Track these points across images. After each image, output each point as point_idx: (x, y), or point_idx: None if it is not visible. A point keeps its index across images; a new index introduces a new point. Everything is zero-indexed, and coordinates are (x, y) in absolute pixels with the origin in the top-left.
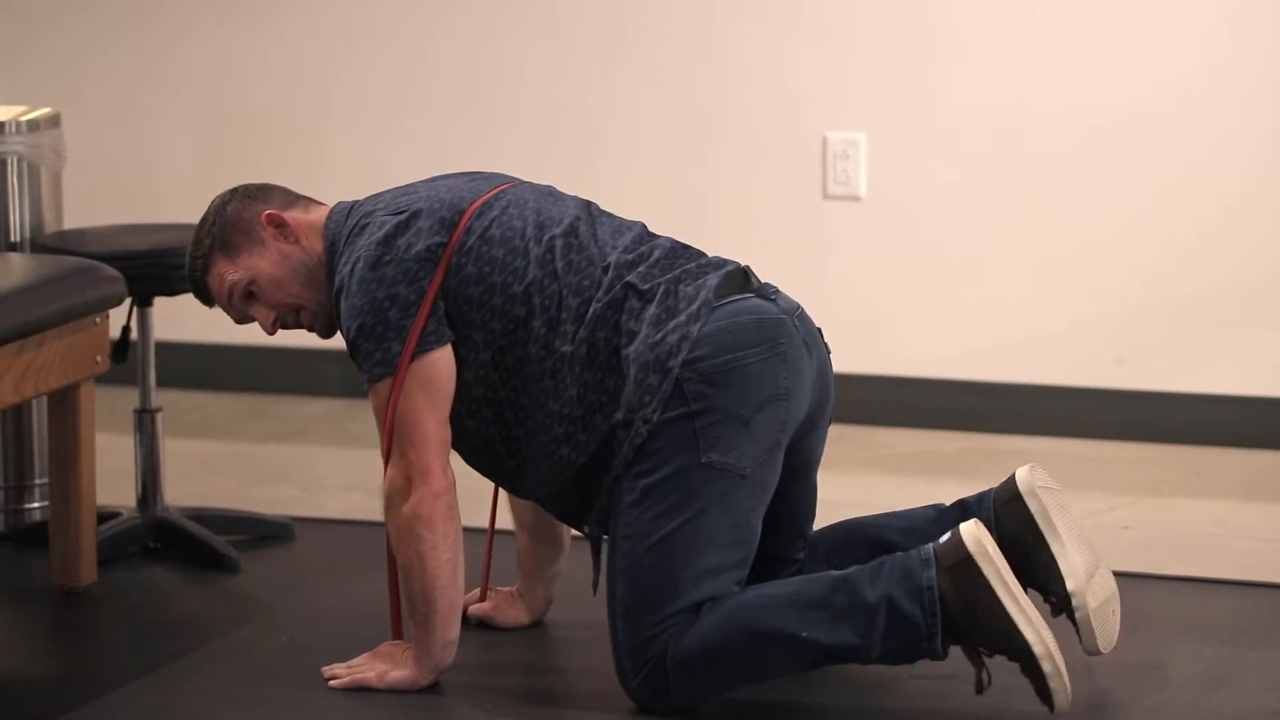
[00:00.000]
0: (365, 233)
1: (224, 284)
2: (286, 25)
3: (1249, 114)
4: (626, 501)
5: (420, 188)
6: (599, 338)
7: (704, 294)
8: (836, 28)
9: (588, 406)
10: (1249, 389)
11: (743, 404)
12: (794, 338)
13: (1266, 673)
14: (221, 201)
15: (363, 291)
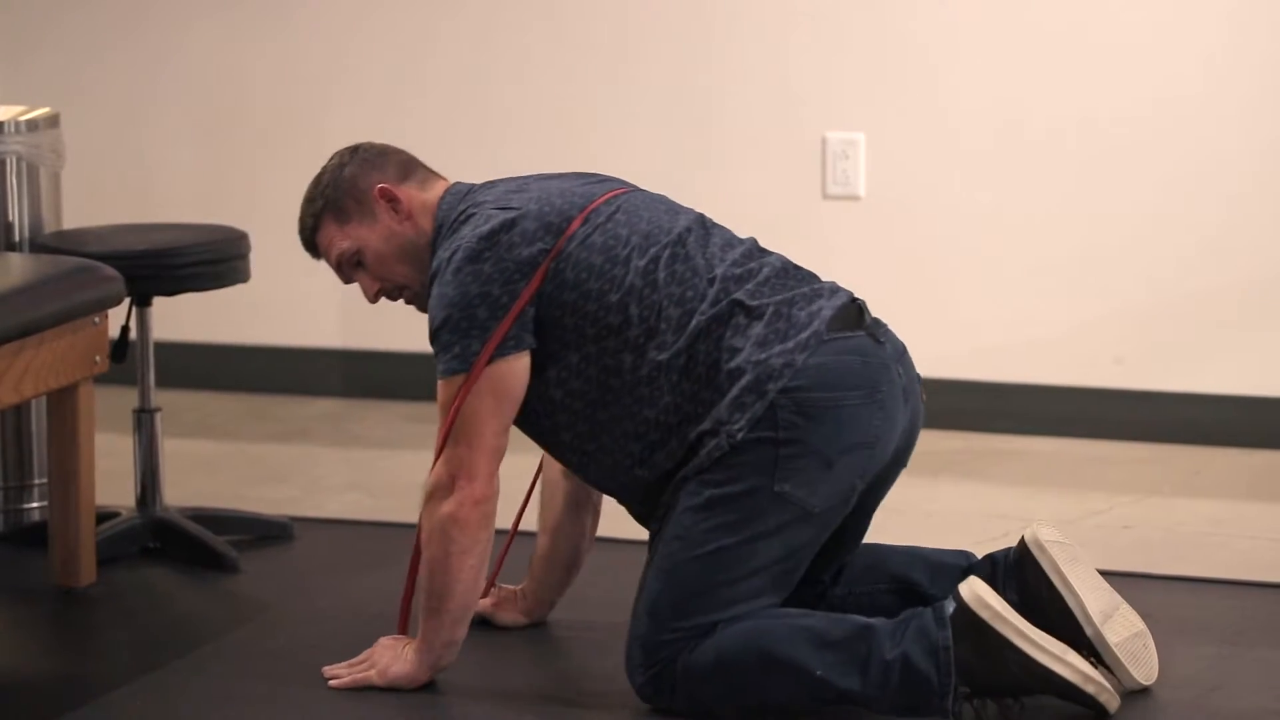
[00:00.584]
0: (470, 223)
1: (332, 249)
2: (285, 25)
3: (1248, 115)
4: (688, 504)
5: (533, 186)
6: (699, 350)
7: (816, 324)
8: (836, 28)
9: (682, 416)
10: (1248, 389)
11: (830, 444)
12: (895, 385)
13: (1265, 672)
14: (340, 162)
15: (456, 283)
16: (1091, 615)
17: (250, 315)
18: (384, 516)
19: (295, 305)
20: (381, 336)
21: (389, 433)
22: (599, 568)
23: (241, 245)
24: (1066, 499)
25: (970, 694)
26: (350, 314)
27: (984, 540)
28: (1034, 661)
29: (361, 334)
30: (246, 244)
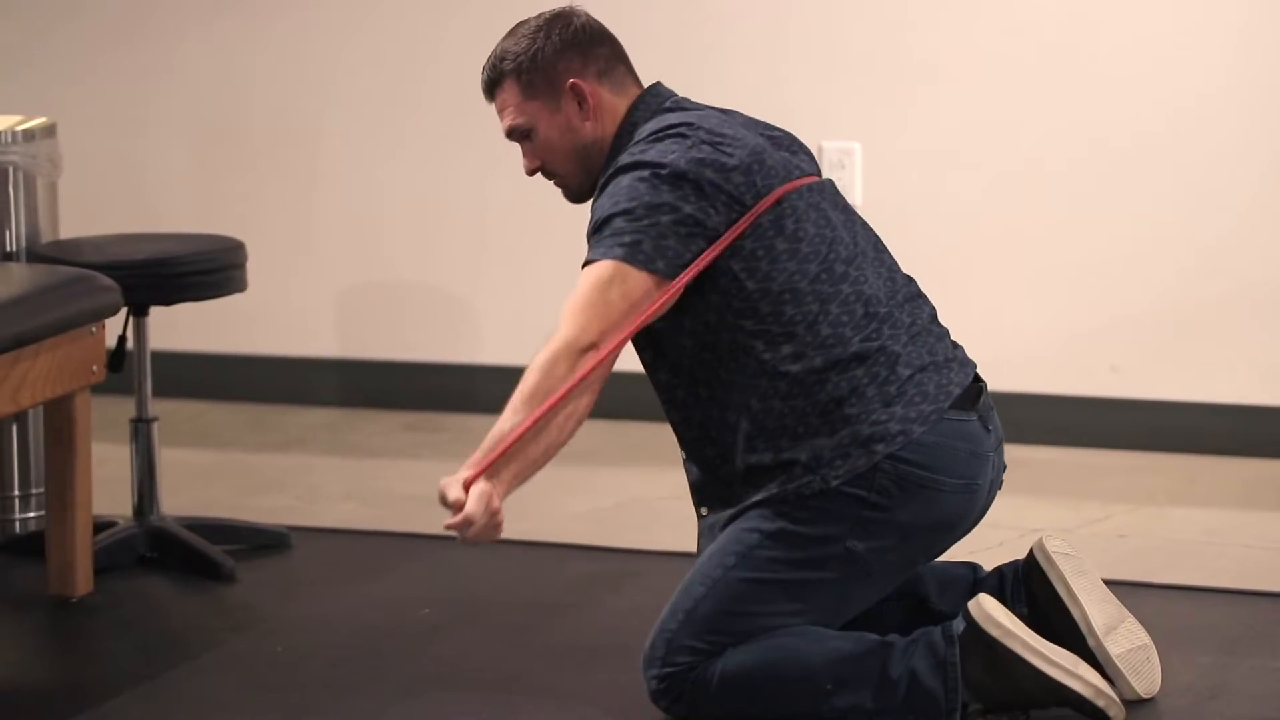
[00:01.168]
0: (682, 140)
1: (505, 110)
2: (279, 35)
3: (1244, 127)
4: (758, 525)
5: (743, 133)
6: (831, 379)
7: (942, 400)
8: (831, 40)
9: (783, 429)
10: (1243, 398)
11: (914, 521)
12: (988, 477)
13: (1261, 681)
14: (546, 26)
15: (653, 188)
16: (1095, 627)
17: (247, 325)
18: (381, 526)
19: (292, 315)
20: (378, 346)
21: (386, 442)
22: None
23: (238, 255)
24: (1063, 508)
25: (984, 710)
26: (347, 324)
27: (981, 549)
28: (1046, 676)
29: (358, 344)
30: (243, 254)
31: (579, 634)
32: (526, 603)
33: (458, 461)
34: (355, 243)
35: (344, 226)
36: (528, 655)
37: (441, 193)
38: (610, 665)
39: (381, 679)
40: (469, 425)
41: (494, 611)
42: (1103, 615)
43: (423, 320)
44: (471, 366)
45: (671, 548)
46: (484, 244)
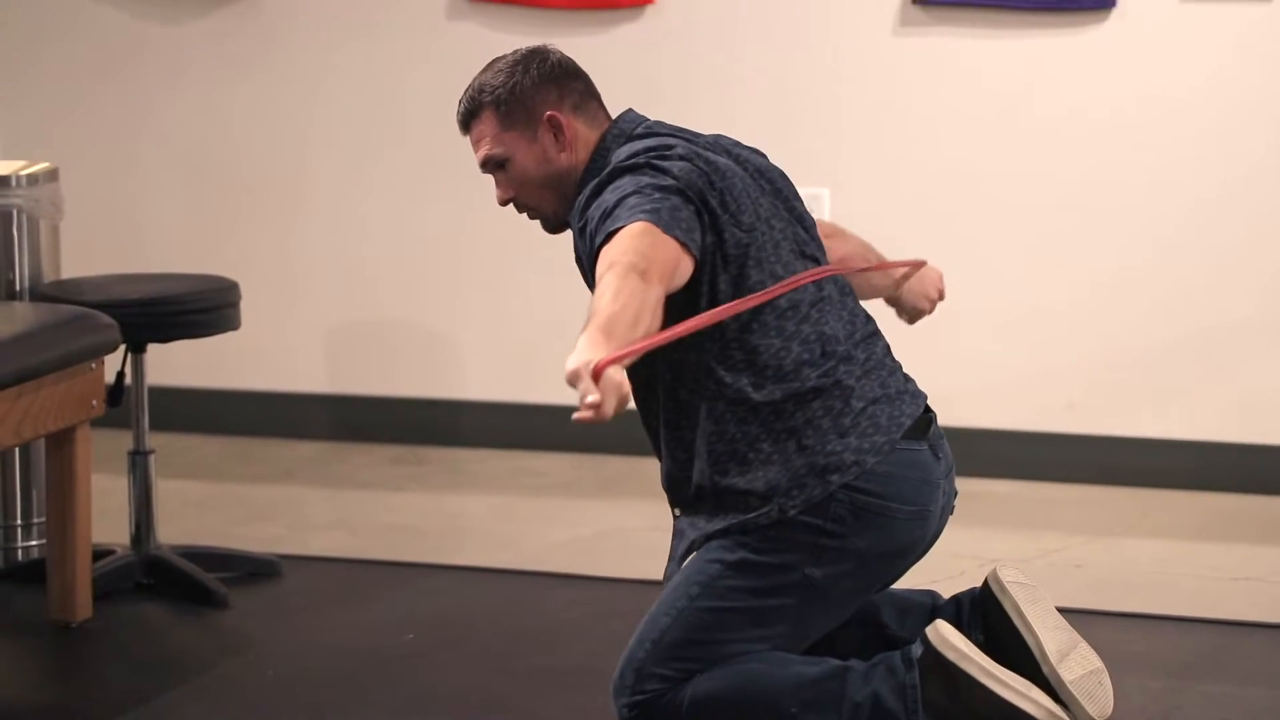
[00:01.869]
0: (664, 159)
1: (481, 142)
2: (266, 90)
3: (1200, 181)
4: (720, 556)
5: (716, 158)
6: (788, 410)
7: (894, 431)
8: (802, 93)
9: (733, 452)
10: (1195, 434)
11: (869, 547)
12: (939, 503)
13: (1212, 705)
14: (524, 61)
15: (656, 179)
16: (1048, 653)
17: (239, 361)
18: (367, 555)
19: (282, 351)
20: (366, 381)
21: (372, 474)
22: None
23: (231, 294)
24: (1022, 539)
25: None
26: (335, 359)
27: (942, 578)
28: (1001, 699)
29: (346, 379)
30: (236, 293)
31: (557, 659)
32: (507, 629)
33: (442, 493)
34: (342, 284)
35: (331, 268)
36: (507, 680)
37: (420, 235)
38: (586, 690)
39: (367, 702)
40: (453, 458)
41: (475, 637)
42: (1056, 642)
43: (407, 357)
44: (454, 401)
45: (648, 576)
46: (464, 284)
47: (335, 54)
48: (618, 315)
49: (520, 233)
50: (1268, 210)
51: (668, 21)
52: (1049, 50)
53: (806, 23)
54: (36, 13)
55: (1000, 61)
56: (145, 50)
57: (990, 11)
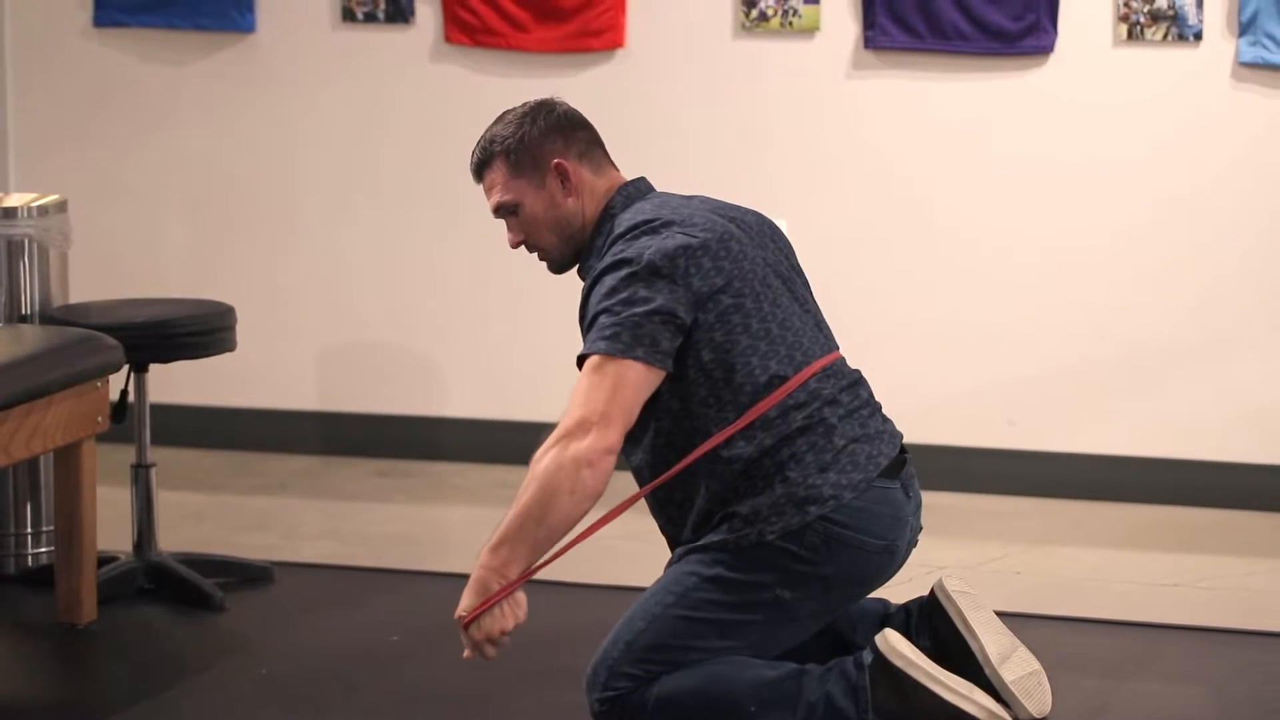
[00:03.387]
0: (655, 235)
1: (493, 190)
2: (259, 124)
3: (1129, 209)
4: (697, 569)
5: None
6: (775, 449)
7: (871, 470)
8: (760, 130)
9: (732, 492)
10: (1126, 450)
11: (838, 576)
12: (905, 539)
13: (1140, 703)
14: (531, 113)
15: (633, 286)
16: (990, 656)
17: (236, 380)
18: (355, 562)
19: (276, 371)
20: (355, 400)
21: (360, 487)
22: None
23: (229, 318)
24: (965, 547)
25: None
26: (326, 379)
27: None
28: (945, 701)
29: (336, 397)
30: (233, 317)
31: (533, 660)
32: None
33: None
34: (331, 309)
35: (321, 294)
36: (487, 679)
37: (404, 263)
38: (561, 688)
39: (355, 699)
40: (435, 471)
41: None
42: (997, 645)
43: (394, 377)
44: (437, 419)
45: (619, 583)
46: (445, 309)
47: (325, 93)
48: (519, 520)
49: (496, 262)
50: (1189, 240)
51: (637, 64)
52: (992, 92)
53: (766, 65)
54: (48, 55)
55: (946, 102)
56: (149, 90)
57: (937, 56)
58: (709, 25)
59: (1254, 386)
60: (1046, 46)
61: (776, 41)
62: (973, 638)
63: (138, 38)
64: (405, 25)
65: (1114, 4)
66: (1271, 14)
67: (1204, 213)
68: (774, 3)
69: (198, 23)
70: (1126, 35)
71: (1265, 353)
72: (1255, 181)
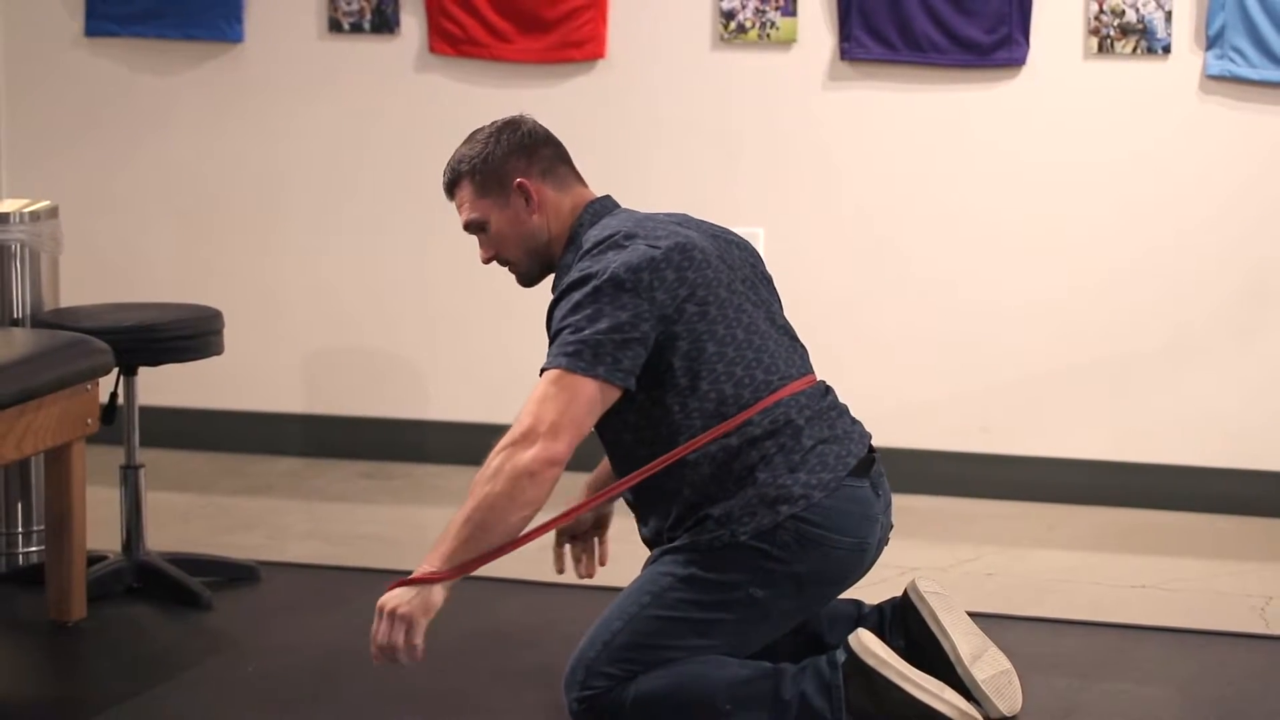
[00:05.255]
0: (619, 250)
1: (462, 208)
2: (247, 132)
3: (1103, 216)
4: (672, 569)
5: (676, 229)
6: (743, 451)
7: (840, 470)
8: (737, 139)
9: (706, 497)
10: (1097, 454)
11: (810, 573)
12: (876, 536)
13: (1110, 701)
14: (497, 133)
15: (598, 301)
16: (962, 656)
17: (223, 383)
18: (340, 562)
19: (263, 374)
20: (339, 402)
21: (345, 488)
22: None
23: (216, 322)
24: (938, 549)
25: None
26: (312, 382)
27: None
28: (917, 700)
29: (322, 400)
30: (220, 321)
31: (513, 659)
32: (469, 631)
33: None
34: (317, 313)
35: (307, 299)
36: (468, 677)
37: (388, 269)
38: (540, 687)
39: (340, 696)
40: (419, 473)
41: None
42: (969, 645)
43: (378, 380)
44: (420, 422)
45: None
46: (428, 314)
47: (312, 102)
48: (460, 524)
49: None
50: (1158, 248)
51: (617, 75)
52: (965, 102)
53: (744, 76)
54: (40, 64)
55: (920, 112)
56: (139, 99)
57: (911, 68)
58: (688, 37)
59: (1220, 393)
60: (1019, 59)
61: (754, 53)
62: (945, 637)
63: (128, 47)
64: (390, 35)
65: (1085, 18)
66: (1238, 28)
67: (1172, 221)
68: (752, 15)
69: (187, 33)
70: (1097, 48)
71: (1231, 360)
72: (1222, 191)
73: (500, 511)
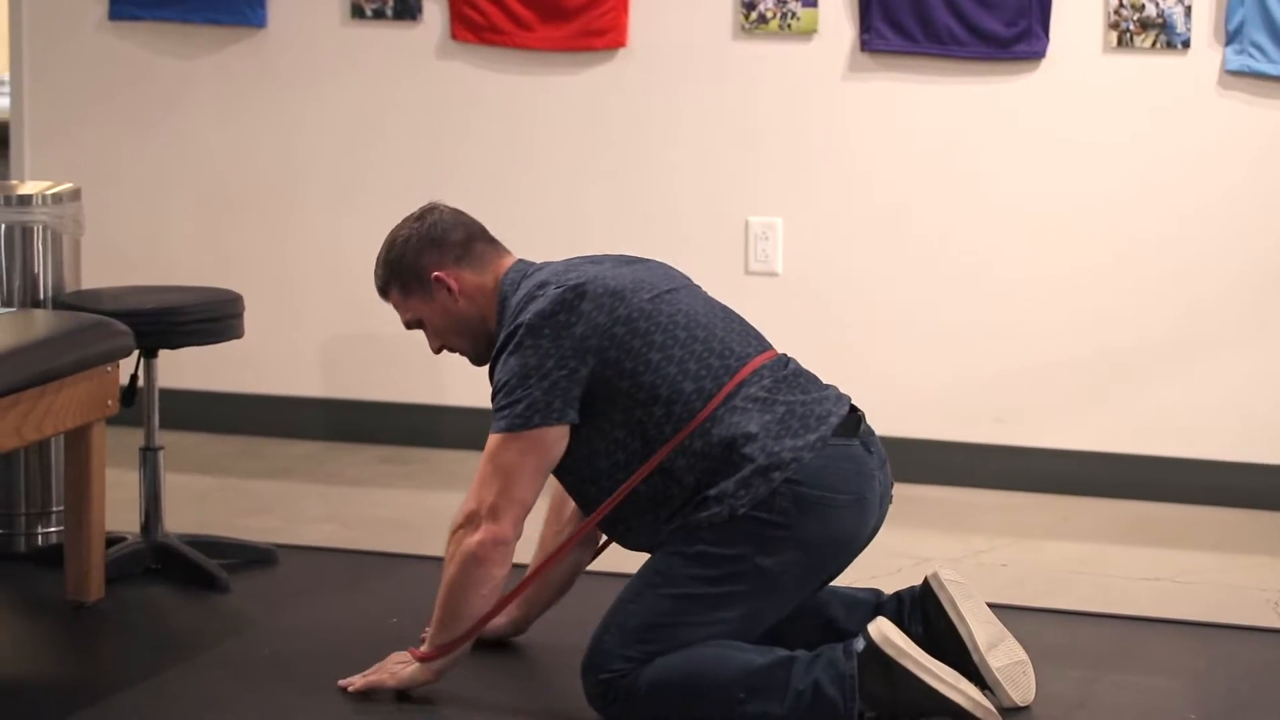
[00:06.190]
0: (535, 301)
1: (399, 311)
2: (267, 116)
3: (1121, 209)
4: (679, 548)
5: (591, 268)
6: (713, 434)
7: (824, 429)
8: (758, 131)
9: (700, 484)
10: (1111, 446)
11: (813, 535)
12: (875, 492)
13: (1122, 693)
14: (406, 236)
15: (519, 354)
16: (979, 643)
17: (243, 367)
18: (356, 546)
19: (283, 358)
20: (359, 387)
21: (363, 472)
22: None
23: (236, 305)
24: (953, 540)
25: (877, 717)
26: (331, 367)
27: (882, 574)
28: (933, 689)
29: (341, 384)
30: (241, 304)
31: (526, 640)
32: None
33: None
34: (337, 298)
35: (327, 283)
36: (483, 660)
37: None
38: (552, 669)
39: None
40: (436, 458)
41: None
42: (986, 634)
43: (396, 365)
44: (438, 407)
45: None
46: None
47: (333, 88)
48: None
49: None
50: (1173, 242)
51: (638, 64)
52: (985, 95)
53: (764, 67)
54: (64, 47)
55: (939, 104)
56: (162, 83)
57: (931, 60)
58: (709, 27)
59: (1235, 386)
60: (1038, 52)
61: (775, 43)
62: (962, 624)
63: (152, 31)
64: (412, 22)
65: (1104, 11)
66: (1257, 23)
67: (1190, 216)
68: (773, 5)
69: (210, 17)
70: (1116, 42)
71: (1246, 353)
72: (1240, 186)
73: (461, 597)
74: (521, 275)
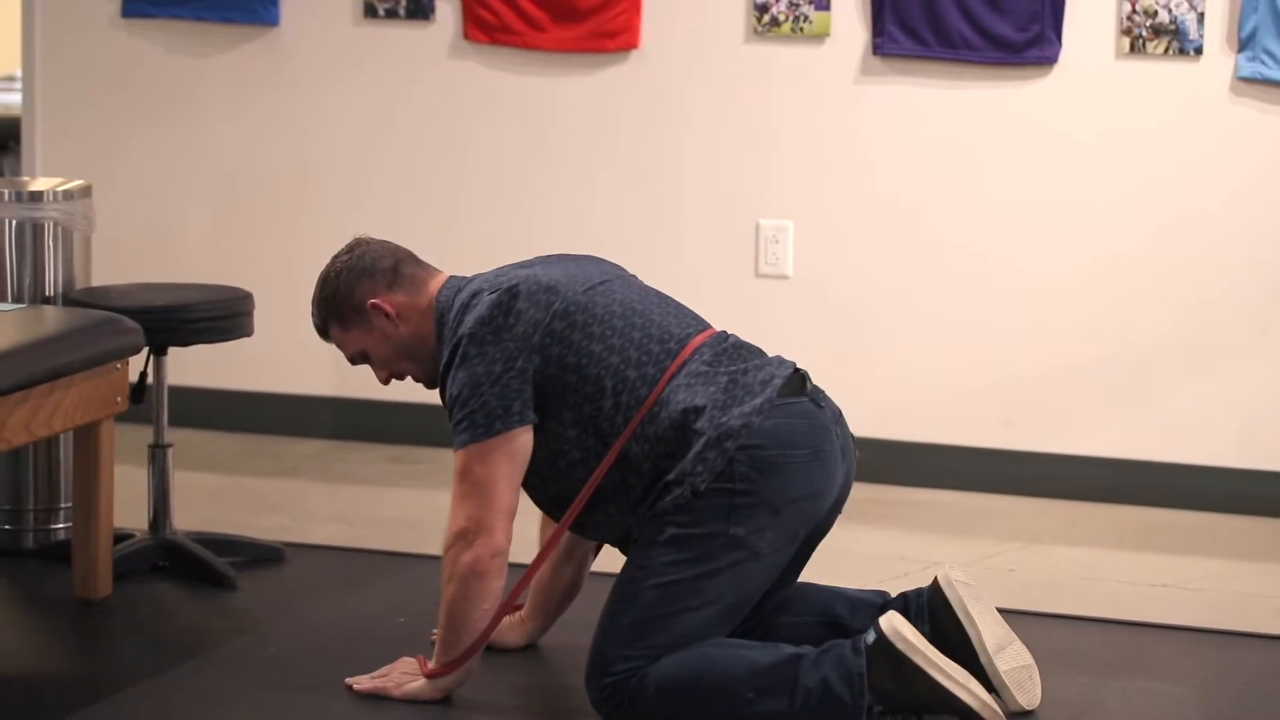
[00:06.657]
0: (470, 310)
1: (342, 347)
2: (279, 114)
3: (1131, 214)
4: (653, 538)
5: (519, 271)
6: (663, 417)
7: (769, 391)
8: (768, 133)
9: (659, 469)
10: (1119, 453)
11: (779, 495)
12: (834, 445)
13: (1129, 699)
14: (337, 271)
15: (466, 366)
16: (987, 646)
17: (252, 365)
18: (363, 544)
19: (291, 357)
20: (367, 386)
21: (371, 471)
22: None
23: (246, 304)
24: (962, 544)
25: (884, 712)
26: (340, 366)
27: (889, 578)
28: (941, 687)
29: (349, 383)
30: (250, 303)
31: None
32: None
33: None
34: None
35: None
36: (488, 660)
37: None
38: (556, 668)
39: None
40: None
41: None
42: (994, 636)
43: None
44: None
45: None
46: None
47: (345, 87)
48: (444, 633)
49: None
50: (1185, 248)
51: (650, 66)
52: (997, 99)
53: (776, 69)
54: (77, 44)
55: (951, 109)
56: (174, 80)
57: (943, 64)
58: (721, 29)
59: (1244, 393)
60: (1050, 57)
61: (787, 46)
62: (971, 626)
63: (164, 28)
64: (425, 22)
65: (1117, 17)
66: (1270, 31)
67: (1200, 221)
68: (785, 8)
69: (223, 15)
70: (1129, 48)
71: (1256, 360)
72: (1251, 192)
73: (464, 614)
74: (455, 290)
